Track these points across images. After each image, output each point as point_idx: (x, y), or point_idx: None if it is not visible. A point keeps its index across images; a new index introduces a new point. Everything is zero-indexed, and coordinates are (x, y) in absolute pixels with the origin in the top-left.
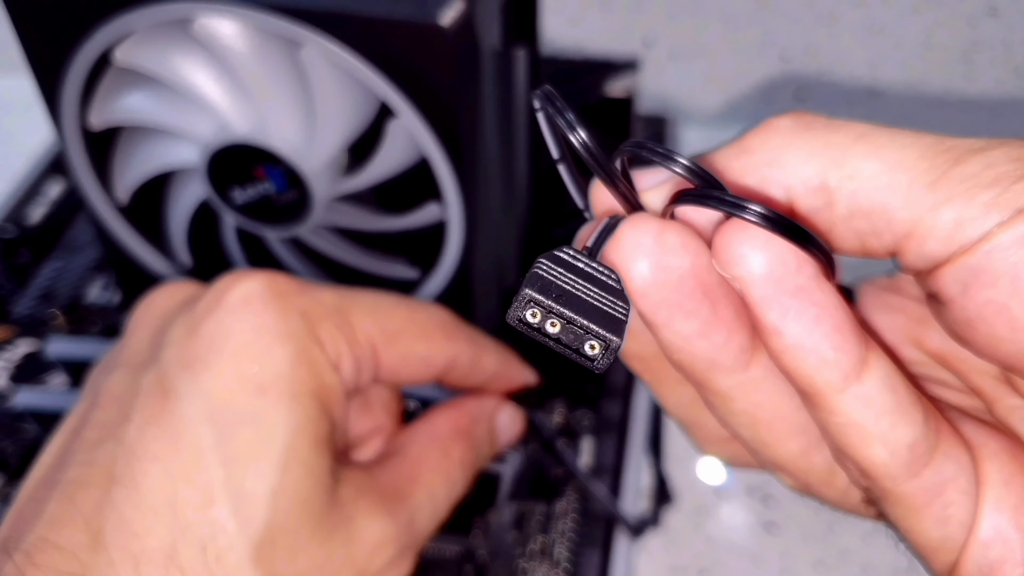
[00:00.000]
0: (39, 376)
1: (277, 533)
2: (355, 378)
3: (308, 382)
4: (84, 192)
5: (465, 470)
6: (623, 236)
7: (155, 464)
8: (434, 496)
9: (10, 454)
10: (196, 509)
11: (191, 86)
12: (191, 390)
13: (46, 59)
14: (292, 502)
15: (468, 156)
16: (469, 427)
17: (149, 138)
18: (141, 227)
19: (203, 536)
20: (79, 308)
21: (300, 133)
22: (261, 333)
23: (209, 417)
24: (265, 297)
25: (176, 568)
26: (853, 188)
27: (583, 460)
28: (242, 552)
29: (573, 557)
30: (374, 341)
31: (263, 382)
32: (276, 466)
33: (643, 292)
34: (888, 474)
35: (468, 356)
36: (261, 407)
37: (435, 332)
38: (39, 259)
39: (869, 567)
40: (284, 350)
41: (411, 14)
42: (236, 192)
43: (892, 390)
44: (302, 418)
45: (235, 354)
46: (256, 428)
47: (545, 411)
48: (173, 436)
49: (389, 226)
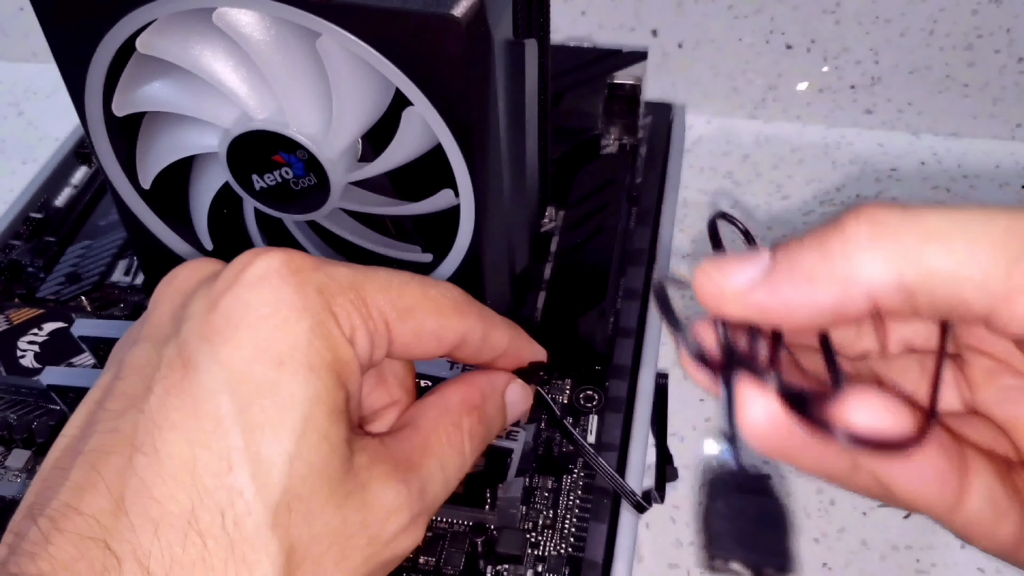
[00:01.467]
0: (65, 355)
1: (293, 499)
2: (369, 352)
3: (324, 355)
4: (108, 177)
5: (475, 443)
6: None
7: (175, 432)
8: (445, 466)
9: (37, 431)
10: (215, 475)
11: (212, 74)
12: (210, 361)
13: (71, 47)
14: (309, 469)
15: (480, 144)
16: (480, 401)
17: (171, 124)
18: (164, 210)
19: (221, 501)
20: (103, 289)
21: (318, 120)
22: (278, 307)
23: (228, 387)
24: (282, 273)
25: (195, 532)
26: (931, 287)
27: (590, 437)
28: (260, 517)
29: (580, 532)
30: (387, 317)
31: (280, 354)
32: (294, 434)
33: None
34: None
35: (479, 332)
36: (279, 378)
37: (447, 308)
38: (64, 242)
39: (868, 543)
40: (301, 324)
41: (425, 5)
42: (255, 177)
43: (991, 502)
44: (319, 388)
45: (253, 327)
46: (274, 398)
47: (554, 390)
48: (193, 406)
49: (404, 211)
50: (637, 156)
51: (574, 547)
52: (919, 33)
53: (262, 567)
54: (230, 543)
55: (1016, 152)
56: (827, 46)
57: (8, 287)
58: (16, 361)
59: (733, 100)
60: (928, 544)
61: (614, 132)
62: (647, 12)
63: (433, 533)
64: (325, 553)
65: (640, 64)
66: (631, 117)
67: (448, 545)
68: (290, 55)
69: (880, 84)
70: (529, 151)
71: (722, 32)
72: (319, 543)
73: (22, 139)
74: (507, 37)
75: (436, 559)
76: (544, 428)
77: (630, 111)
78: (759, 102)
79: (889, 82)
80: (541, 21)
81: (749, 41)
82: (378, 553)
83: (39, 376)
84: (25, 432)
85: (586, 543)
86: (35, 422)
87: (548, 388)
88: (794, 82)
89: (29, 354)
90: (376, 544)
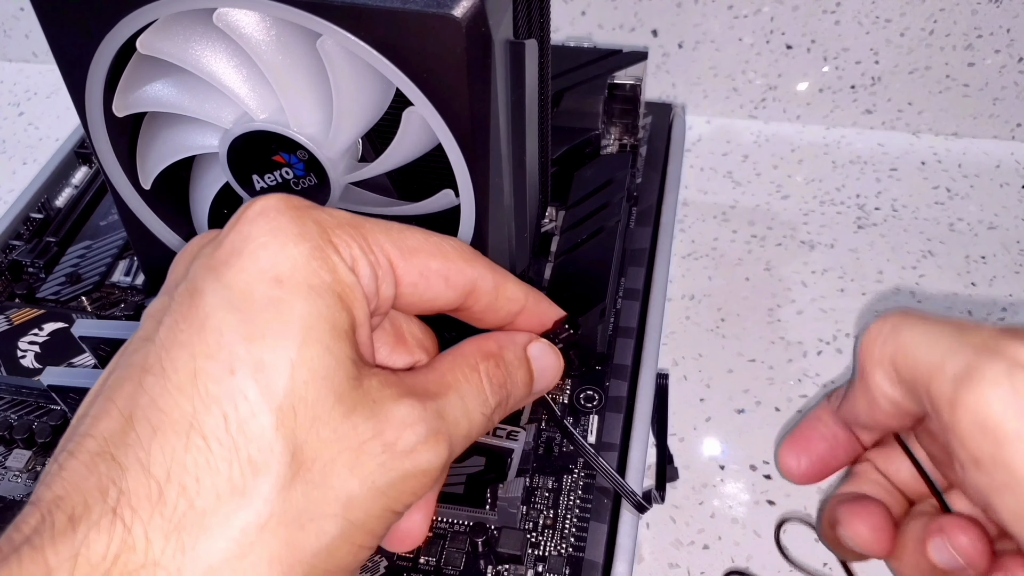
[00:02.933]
0: (65, 356)
1: (298, 402)
2: (374, 284)
3: (323, 275)
4: (108, 177)
5: (495, 387)
6: None
7: (182, 350)
8: (465, 400)
9: (38, 431)
10: (217, 381)
11: (212, 74)
12: (215, 287)
13: (71, 48)
14: (312, 375)
15: (480, 144)
16: (497, 350)
17: (172, 125)
18: (164, 211)
19: (225, 405)
20: (103, 289)
21: (318, 121)
22: (276, 234)
23: (230, 305)
24: (280, 207)
25: (198, 435)
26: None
27: (590, 437)
28: (264, 419)
29: (580, 532)
30: (389, 254)
31: (280, 274)
32: (295, 343)
33: None
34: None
35: (490, 280)
36: (279, 295)
37: (451, 253)
38: (65, 243)
39: None
40: (299, 247)
41: (425, 5)
42: (256, 178)
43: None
44: (320, 305)
45: (254, 254)
46: (275, 311)
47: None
48: (198, 325)
49: (404, 211)
50: (637, 156)
51: (574, 547)
52: (919, 33)
53: (268, 467)
54: (234, 444)
55: (1016, 152)
56: (827, 46)
57: (9, 287)
58: (17, 361)
59: (733, 100)
60: None
61: (614, 132)
62: (647, 12)
63: (433, 533)
64: (335, 458)
65: (640, 64)
66: (631, 117)
67: (448, 545)
68: (291, 55)
69: (880, 84)
70: (529, 151)
71: (722, 32)
72: (328, 447)
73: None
74: (507, 37)
75: (436, 559)
76: (544, 428)
77: (630, 111)
78: (759, 102)
79: (889, 82)
80: (541, 21)
81: (749, 41)
82: (396, 463)
83: (40, 376)
84: (26, 432)
85: (586, 543)
86: (36, 422)
87: None
88: (794, 82)
89: (30, 354)
90: (392, 452)
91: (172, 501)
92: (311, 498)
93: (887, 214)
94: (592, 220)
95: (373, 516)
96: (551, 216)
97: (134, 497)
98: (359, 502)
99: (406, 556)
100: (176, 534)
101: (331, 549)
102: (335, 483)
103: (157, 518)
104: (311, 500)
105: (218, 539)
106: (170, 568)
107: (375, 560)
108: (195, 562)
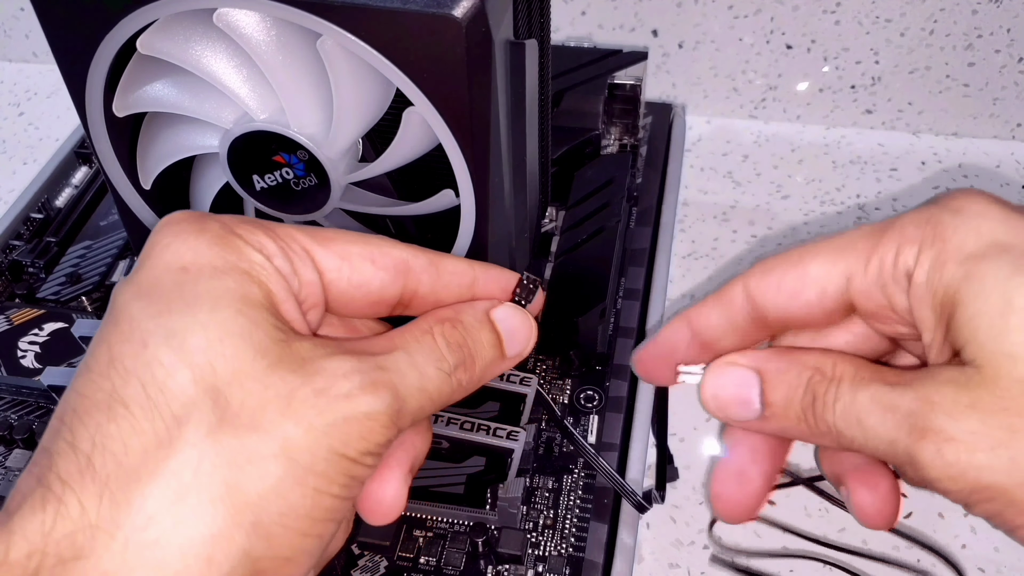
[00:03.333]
0: (65, 356)
1: (215, 357)
2: (288, 266)
3: (228, 257)
4: (108, 177)
5: (453, 348)
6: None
7: (101, 345)
8: (413, 357)
9: (38, 431)
10: (132, 356)
11: (213, 74)
12: (126, 289)
13: (71, 48)
14: (224, 333)
15: (480, 144)
16: (453, 315)
17: (172, 125)
18: (164, 211)
19: (142, 375)
20: (103, 290)
21: (319, 121)
22: (179, 234)
23: (139, 294)
24: (183, 216)
25: (120, 405)
26: None
27: (590, 437)
28: (180, 376)
29: (580, 532)
30: (302, 243)
31: (185, 263)
32: (203, 309)
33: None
34: None
35: (422, 258)
36: (185, 279)
37: (373, 239)
38: (65, 243)
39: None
40: (200, 239)
41: (425, 5)
42: (256, 178)
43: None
44: (227, 281)
45: (160, 253)
46: (181, 293)
47: (554, 389)
48: (113, 321)
49: (404, 211)
50: (637, 156)
51: (574, 547)
52: (919, 33)
53: (190, 417)
54: (154, 405)
55: (1016, 152)
56: (827, 46)
57: (9, 287)
58: (17, 361)
59: (733, 100)
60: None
61: (614, 132)
62: (647, 12)
63: (433, 533)
64: (265, 405)
65: (640, 64)
66: (631, 117)
67: (448, 545)
68: (291, 55)
69: (880, 84)
70: (529, 151)
71: (722, 32)
72: (255, 396)
73: (22, 139)
74: (507, 37)
75: (436, 559)
76: (544, 428)
77: (630, 111)
78: (759, 102)
79: (889, 82)
80: (541, 21)
81: (749, 41)
82: (332, 405)
83: (40, 376)
84: (26, 432)
85: (586, 543)
86: (36, 422)
87: (548, 388)
88: (794, 82)
89: (30, 354)
90: (326, 397)
91: (101, 466)
92: (245, 441)
93: (887, 214)
94: (592, 220)
95: (320, 458)
96: (551, 216)
97: (64, 472)
98: (300, 442)
99: (406, 556)
100: (109, 493)
101: (280, 491)
102: (268, 426)
103: (88, 484)
104: (245, 443)
105: (152, 488)
106: (107, 527)
107: (375, 560)
108: (132, 515)
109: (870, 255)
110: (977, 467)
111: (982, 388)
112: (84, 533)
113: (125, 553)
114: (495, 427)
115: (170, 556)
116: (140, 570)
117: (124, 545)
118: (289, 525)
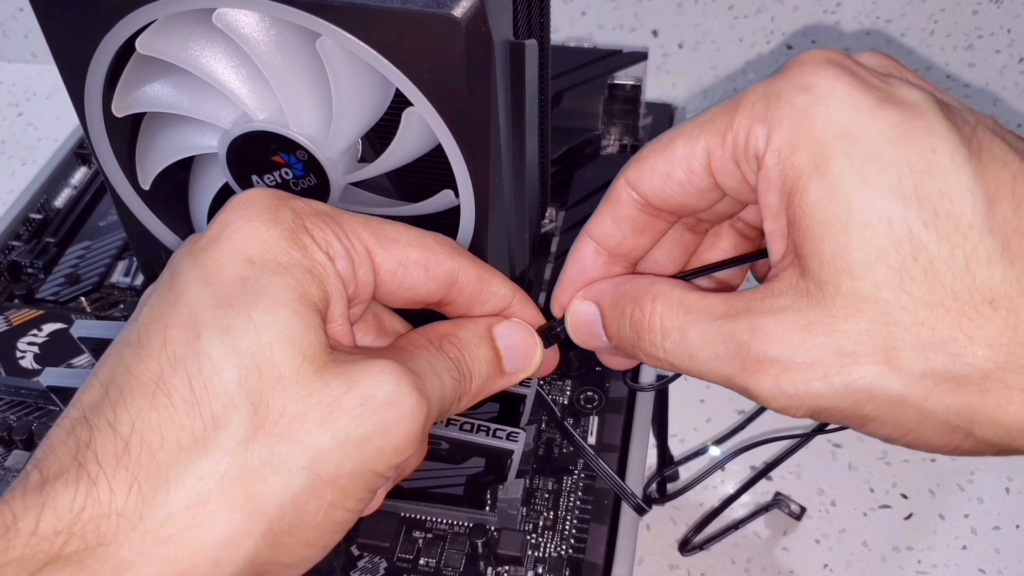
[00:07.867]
0: (64, 356)
1: (262, 361)
2: (350, 268)
3: (294, 254)
4: (108, 177)
5: (455, 365)
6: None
7: (157, 323)
8: (431, 363)
9: (37, 432)
10: (184, 345)
11: (212, 74)
12: (190, 267)
13: (71, 48)
14: (277, 336)
15: (480, 144)
16: (452, 329)
17: (171, 125)
18: (163, 211)
19: (189, 367)
20: (103, 290)
21: (318, 121)
22: (251, 220)
23: (203, 281)
24: (258, 197)
25: (163, 394)
26: None
27: (590, 438)
28: (227, 376)
29: (580, 533)
30: (366, 242)
31: (251, 255)
32: (260, 308)
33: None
34: None
35: (472, 273)
36: (249, 272)
37: (433, 244)
38: (64, 243)
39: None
40: (271, 231)
41: (425, 5)
42: (255, 178)
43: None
44: (288, 279)
45: (229, 238)
46: (243, 286)
47: (554, 390)
48: (172, 300)
49: (404, 212)
50: None
51: (574, 548)
52: (919, 33)
53: (229, 421)
54: (197, 401)
55: None
56: (827, 46)
57: (8, 288)
58: (16, 362)
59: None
60: (929, 545)
61: (614, 132)
62: (647, 12)
63: (433, 534)
64: (306, 412)
65: (640, 64)
66: (631, 117)
67: (448, 546)
68: (290, 55)
69: None
70: (529, 151)
71: (722, 32)
72: (298, 403)
73: (22, 140)
74: (507, 37)
75: (436, 560)
76: (544, 429)
77: (630, 111)
78: None
79: None
80: (541, 21)
81: (749, 41)
82: (372, 415)
83: (39, 377)
84: (25, 433)
85: (586, 544)
86: (35, 423)
87: (548, 389)
88: None
89: (29, 355)
90: (370, 405)
91: (136, 455)
92: (275, 451)
93: None
94: None
95: (345, 472)
96: (551, 216)
97: (101, 453)
98: (329, 456)
99: (405, 557)
100: (138, 485)
101: (297, 502)
102: (303, 436)
103: (122, 472)
104: (275, 453)
105: (178, 488)
106: (132, 517)
107: (375, 561)
108: (155, 510)
109: (726, 131)
110: (816, 395)
111: (819, 308)
112: (110, 520)
113: (143, 545)
114: (495, 428)
115: (181, 554)
116: (153, 562)
117: (143, 537)
118: (298, 535)
